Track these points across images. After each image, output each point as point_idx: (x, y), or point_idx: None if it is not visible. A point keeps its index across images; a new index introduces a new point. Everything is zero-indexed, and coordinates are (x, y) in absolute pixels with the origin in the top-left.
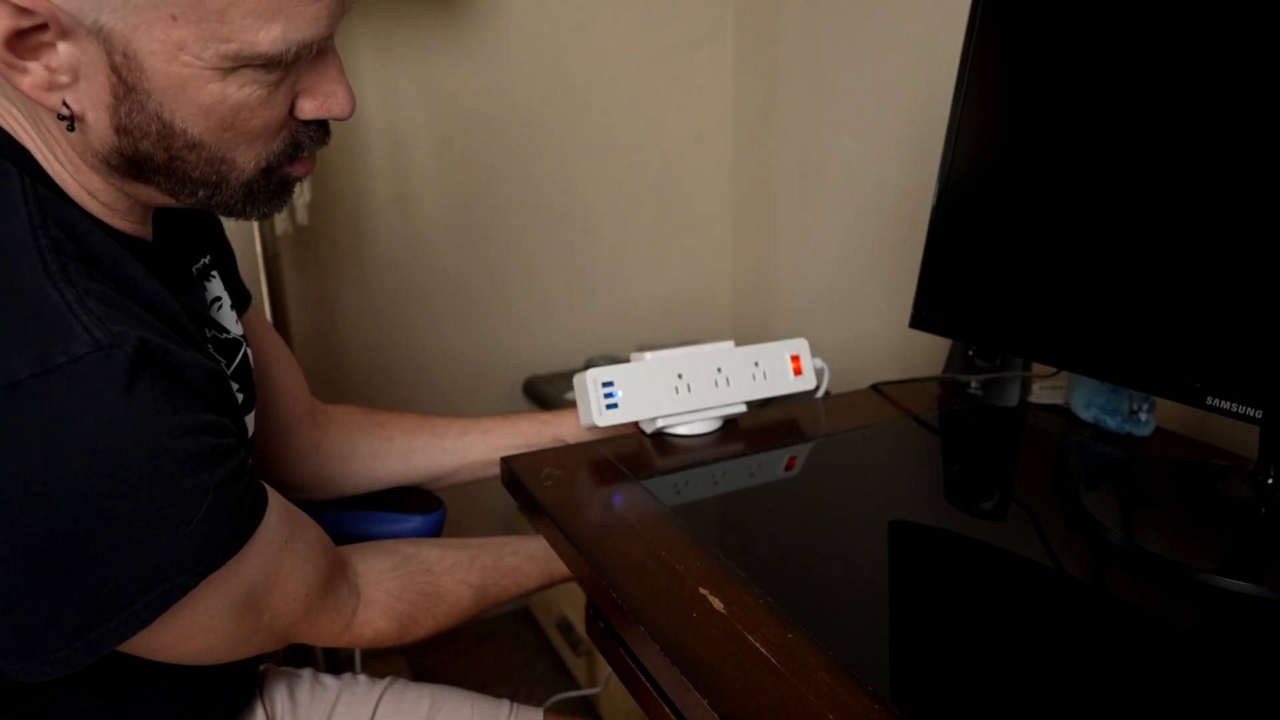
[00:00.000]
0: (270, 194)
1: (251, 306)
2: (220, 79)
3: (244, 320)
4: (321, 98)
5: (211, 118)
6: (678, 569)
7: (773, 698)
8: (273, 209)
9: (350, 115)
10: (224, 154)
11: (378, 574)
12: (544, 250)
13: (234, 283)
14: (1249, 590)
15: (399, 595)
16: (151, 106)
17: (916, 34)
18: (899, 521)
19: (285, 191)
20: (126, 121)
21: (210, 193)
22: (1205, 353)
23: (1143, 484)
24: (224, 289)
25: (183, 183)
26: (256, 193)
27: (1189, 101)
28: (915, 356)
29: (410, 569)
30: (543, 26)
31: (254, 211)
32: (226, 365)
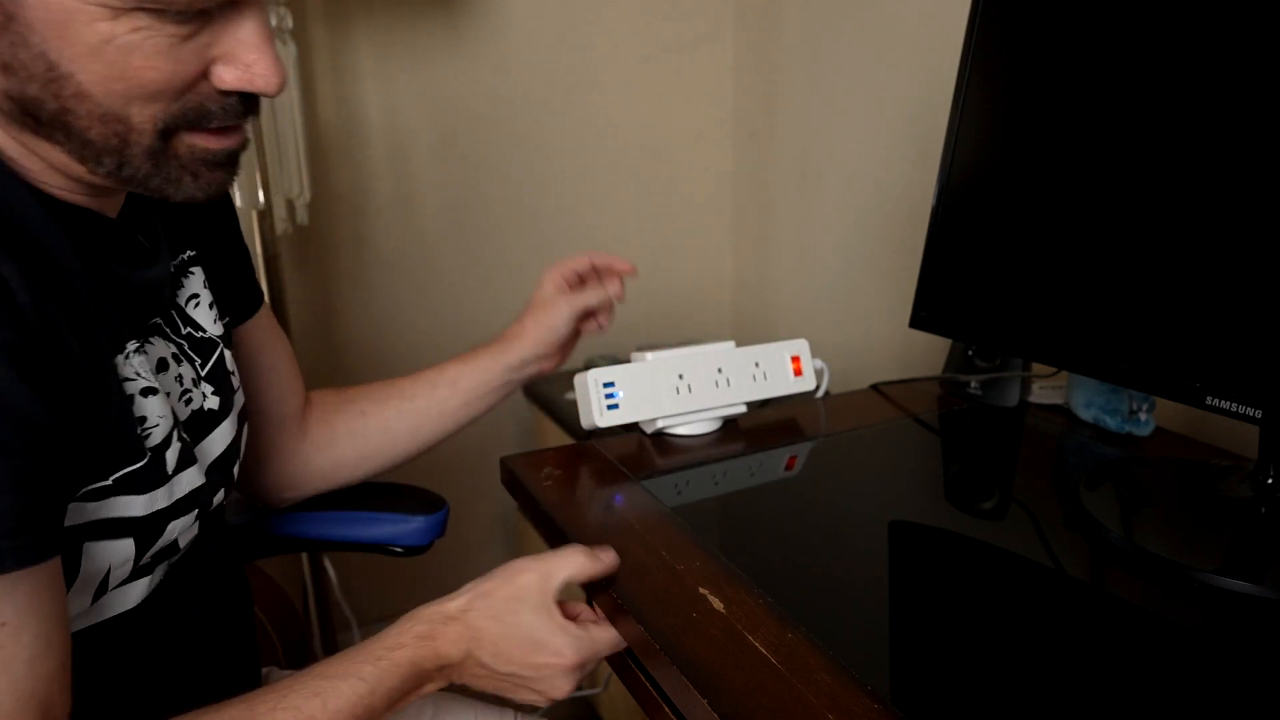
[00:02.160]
0: (183, 168)
1: (262, 311)
2: (110, 18)
3: (249, 325)
4: (242, 67)
5: (99, 61)
6: (678, 569)
7: (773, 698)
8: (202, 190)
9: (277, 91)
10: (116, 109)
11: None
12: (543, 249)
13: (227, 285)
14: (1249, 590)
15: None
16: (35, 42)
17: (916, 34)
18: (899, 521)
19: (209, 170)
20: (10, 58)
21: (117, 162)
22: (1205, 353)
23: (1143, 484)
24: (205, 287)
25: (84, 145)
26: (166, 164)
27: (1188, 102)
28: (915, 356)
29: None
30: (543, 26)
31: (175, 189)
32: (201, 365)
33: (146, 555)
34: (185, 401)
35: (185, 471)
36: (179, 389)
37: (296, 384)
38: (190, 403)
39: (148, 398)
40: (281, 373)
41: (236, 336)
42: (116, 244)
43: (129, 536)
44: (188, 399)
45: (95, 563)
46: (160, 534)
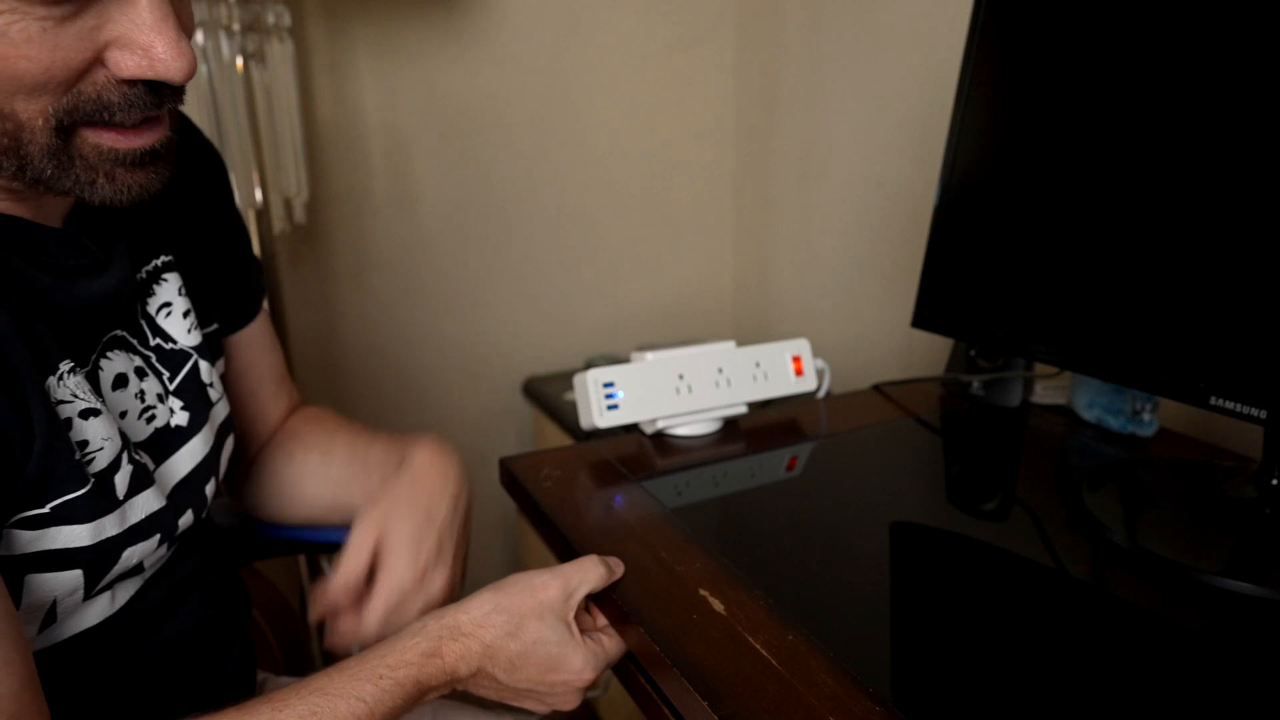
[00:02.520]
0: (92, 169)
1: (256, 321)
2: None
3: (240, 335)
4: (140, 52)
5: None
6: (678, 570)
7: (773, 699)
8: (121, 193)
9: (183, 77)
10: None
11: None
12: (544, 249)
13: (213, 291)
14: (1253, 592)
15: None
16: None
17: (917, 33)
18: (900, 522)
19: (125, 170)
20: None
21: (16, 163)
22: (1209, 353)
23: (1146, 485)
24: (180, 295)
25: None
26: (70, 164)
27: (1193, 101)
28: (916, 356)
29: None
30: (542, 25)
31: (90, 191)
32: (170, 378)
33: (101, 582)
34: (147, 419)
35: (140, 495)
36: (139, 406)
37: (278, 402)
38: (153, 420)
39: (88, 420)
40: (264, 392)
41: (227, 346)
42: (53, 254)
43: (75, 568)
44: (149, 416)
45: (36, 595)
46: (114, 562)
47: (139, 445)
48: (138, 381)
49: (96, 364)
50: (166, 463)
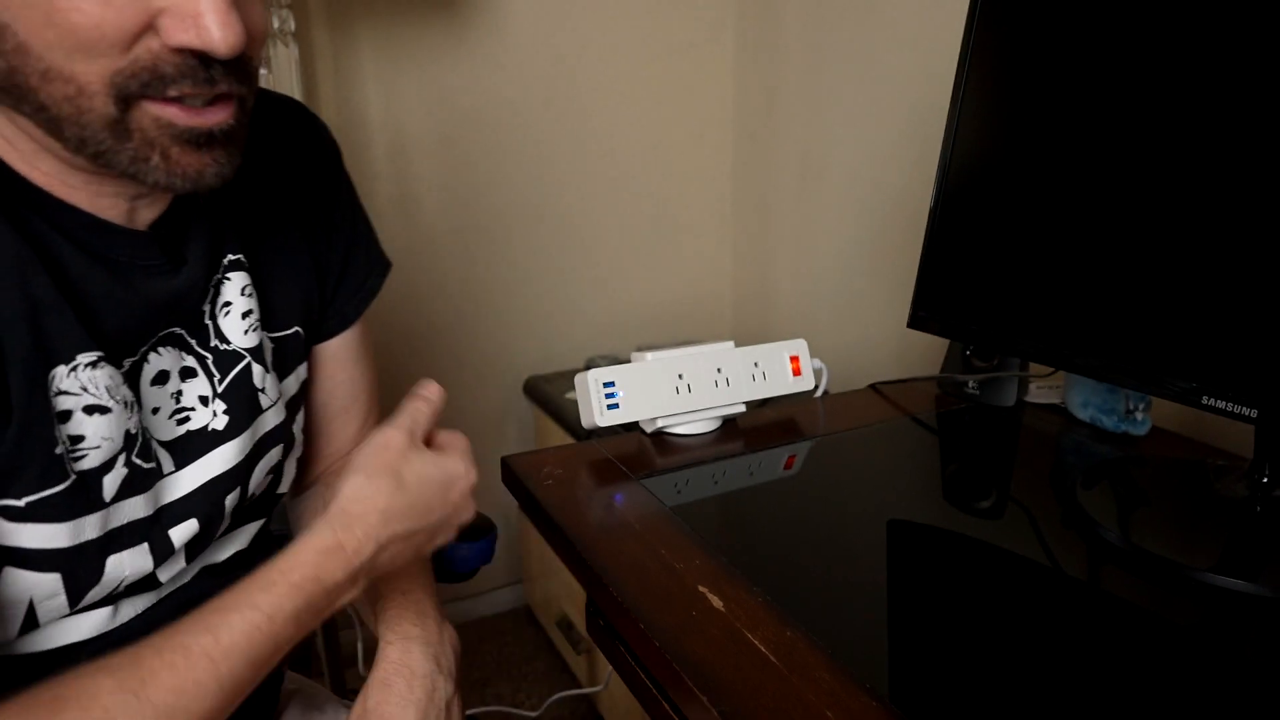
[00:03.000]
0: (149, 144)
1: (346, 338)
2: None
3: (327, 346)
4: (188, 19)
5: (28, 6)
6: (677, 568)
7: (772, 696)
8: (178, 177)
9: (225, 50)
10: (57, 63)
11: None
12: (544, 250)
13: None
14: (1245, 588)
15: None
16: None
17: (916, 34)
18: (897, 520)
19: (183, 150)
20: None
21: (77, 132)
22: (1201, 353)
23: (1139, 483)
24: (241, 294)
25: (43, 112)
26: (127, 137)
27: (1185, 104)
28: (913, 356)
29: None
30: (544, 27)
31: (145, 170)
32: (219, 380)
33: (88, 594)
34: (178, 420)
35: (130, 500)
36: (172, 405)
37: (346, 425)
38: (186, 421)
39: (92, 415)
40: (333, 408)
41: (314, 354)
42: (122, 251)
43: (52, 571)
44: (183, 417)
45: (10, 591)
46: (99, 571)
47: (164, 444)
48: (178, 381)
49: (144, 358)
50: (191, 466)
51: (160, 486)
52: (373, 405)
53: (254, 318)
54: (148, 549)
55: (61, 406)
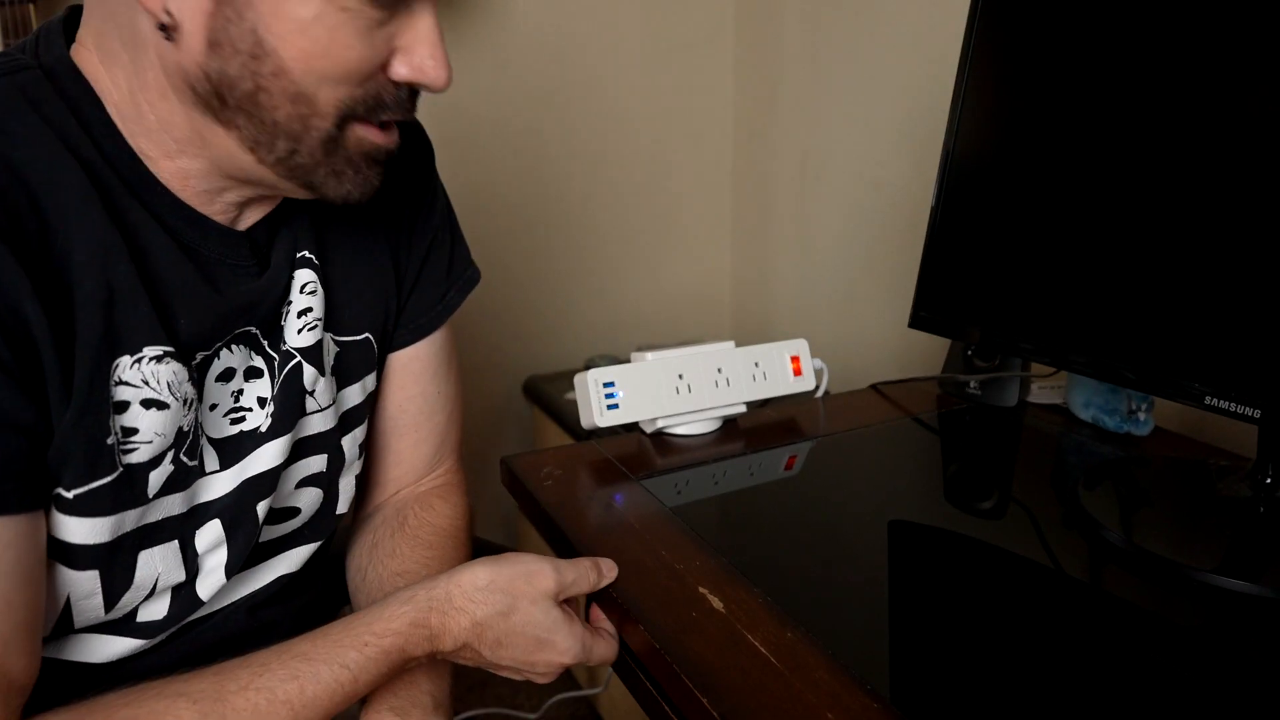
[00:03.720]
0: (349, 160)
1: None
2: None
3: (399, 356)
4: (418, 60)
5: (306, 38)
6: (677, 568)
7: (772, 696)
8: (357, 189)
9: (443, 87)
10: (308, 89)
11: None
12: (544, 250)
13: (366, 298)
14: (1248, 590)
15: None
16: (249, 17)
17: (916, 34)
18: (898, 521)
19: (368, 166)
20: (221, 34)
21: (291, 146)
22: (1204, 353)
23: (1141, 483)
24: (302, 293)
25: (264, 127)
26: (335, 153)
27: (1187, 103)
28: (914, 356)
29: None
30: (543, 27)
31: (336, 183)
32: (272, 381)
33: (123, 598)
34: (232, 419)
35: (169, 497)
36: (229, 404)
37: (415, 443)
38: (240, 421)
39: (149, 410)
40: (403, 423)
41: (388, 363)
42: (215, 248)
43: (91, 568)
44: (238, 416)
45: (51, 590)
46: (131, 569)
47: (213, 442)
48: (242, 379)
49: (216, 353)
50: (234, 467)
51: (199, 485)
52: (450, 429)
53: (311, 316)
54: (178, 547)
55: (119, 397)
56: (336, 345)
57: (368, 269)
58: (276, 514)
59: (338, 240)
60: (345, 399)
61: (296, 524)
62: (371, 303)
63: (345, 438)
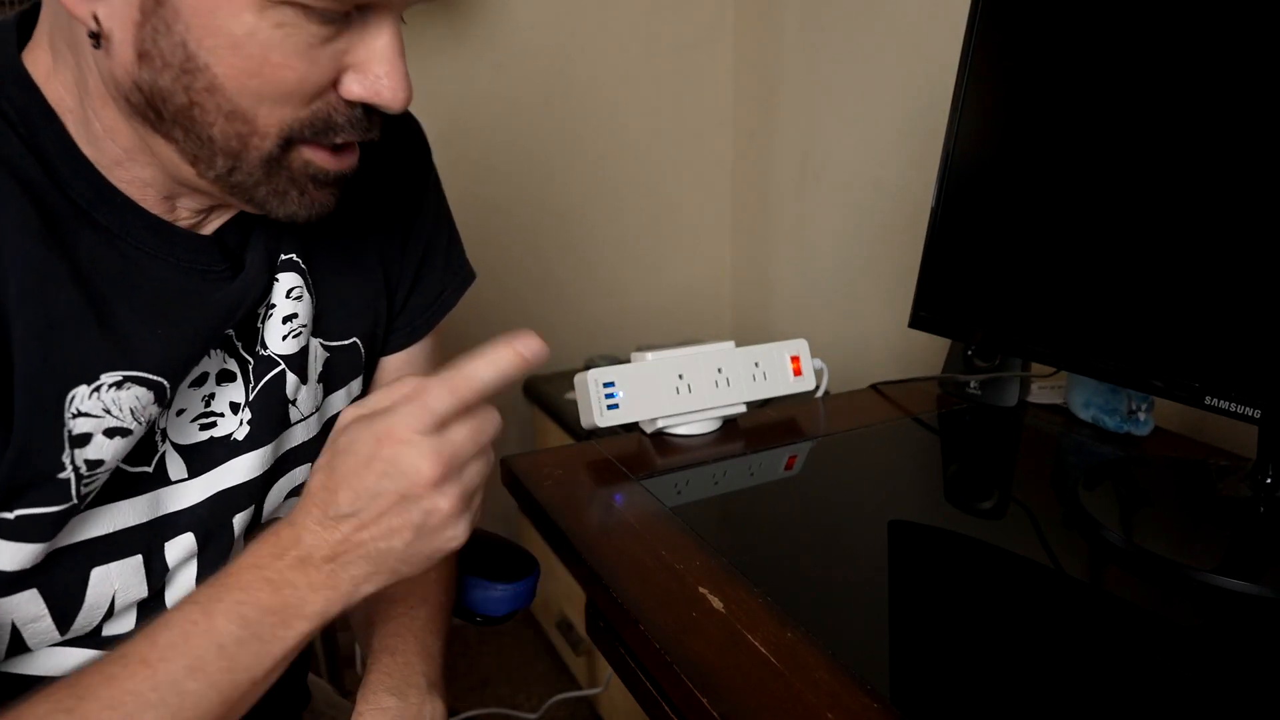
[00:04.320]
0: (293, 182)
1: (413, 354)
2: (257, 10)
3: (388, 361)
4: (372, 78)
5: (239, 55)
6: (677, 569)
7: (772, 696)
8: (304, 210)
9: (401, 108)
10: (245, 107)
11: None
12: (543, 250)
13: (353, 303)
14: (1248, 590)
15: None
16: (178, 30)
17: (916, 34)
18: (898, 521)
19: (316, 188)
20: (150, 45)
21: (230, 164)
22: (1204, 352)
23: (1141, 483)
24: (287, 297)
25: (201, 143)
26: (277, 174)
27: (1187, 102)
28: (914, 356)
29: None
30: (543, 26)
31: (279, 204)
32: (251, 387)
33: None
34: (201, 425)
35: (111, 505)
36: (199, 409)
37: None
38: (210, 428)
39: (112, 439)
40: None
41: (379, 368)
42: (183, 257)
43: (28, 588)
44: (208, 423)
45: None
46: (81, 586)
47: (180, 449)
48: (214, 384)
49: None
50: (203, 476)
51: (163, 494)
52: None
53: (296, 322)
54: (140, 563)
55: (79, 429)
56: (325, 351)
57: (357, 271)
58: (261, 527)
59: (324, 241)
60: (330, 405)
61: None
62: (361, 306)
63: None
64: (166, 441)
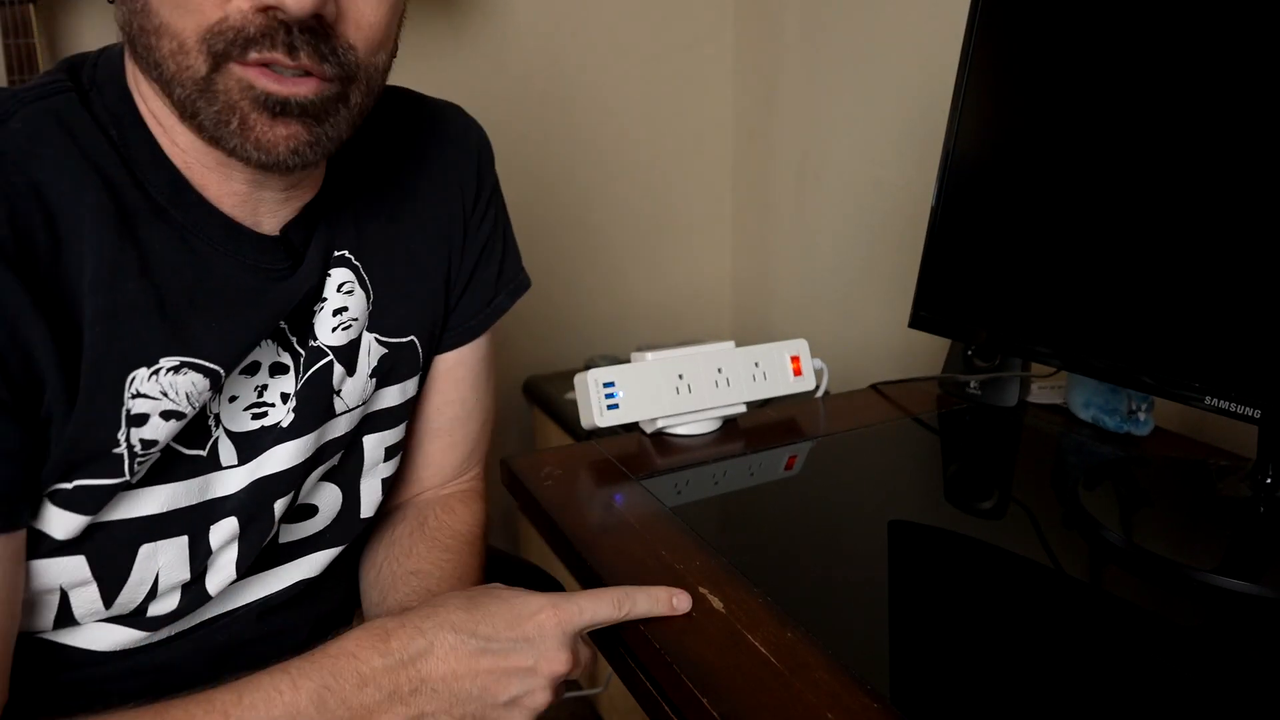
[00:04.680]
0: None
1: (474, 349)
2: None
3: (440, 361)
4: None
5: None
6: (677, 568)
7: (772, 697)
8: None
9: (300, 11)
10: (166, 18)
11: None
12: (543, 249)
13: (413, 301)
14: (1248, 590)
15: None
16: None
17: (916, 34)
18: (898, 521)
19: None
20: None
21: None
22: (1204, 353)
23: (1141, 483)
24: (338, 291)
25: (161, 73)
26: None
27: (1187, 102)
28: (914, 356)
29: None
30: (543, 26)
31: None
32: (300, 377)
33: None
34: (253, 414)
35: (161, 486)
36: (252, 399)
37: (439, 449)
38: (262, 417)
39: (168, 421)
40: (431, 428)
41: (433, 366)
42: (250, 256)
43: (76, 553)
44: (259, 412)
45: (40, 579)
46: (129, 560)
47: (233, 435)
48: (267, 375)
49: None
50: (251, 463)
51: (213, 479)
52: (482, 436)
53: (346, 315)
54: (186, 543)
55: (138, 409)
56: (383, 347)
57: (414, 270)
58: (295, 512)
59: (382, 240)
60: (379, 400)
61: (317, 525)
62: (419, 305)
63: (368, 437)
64: (220, 427)
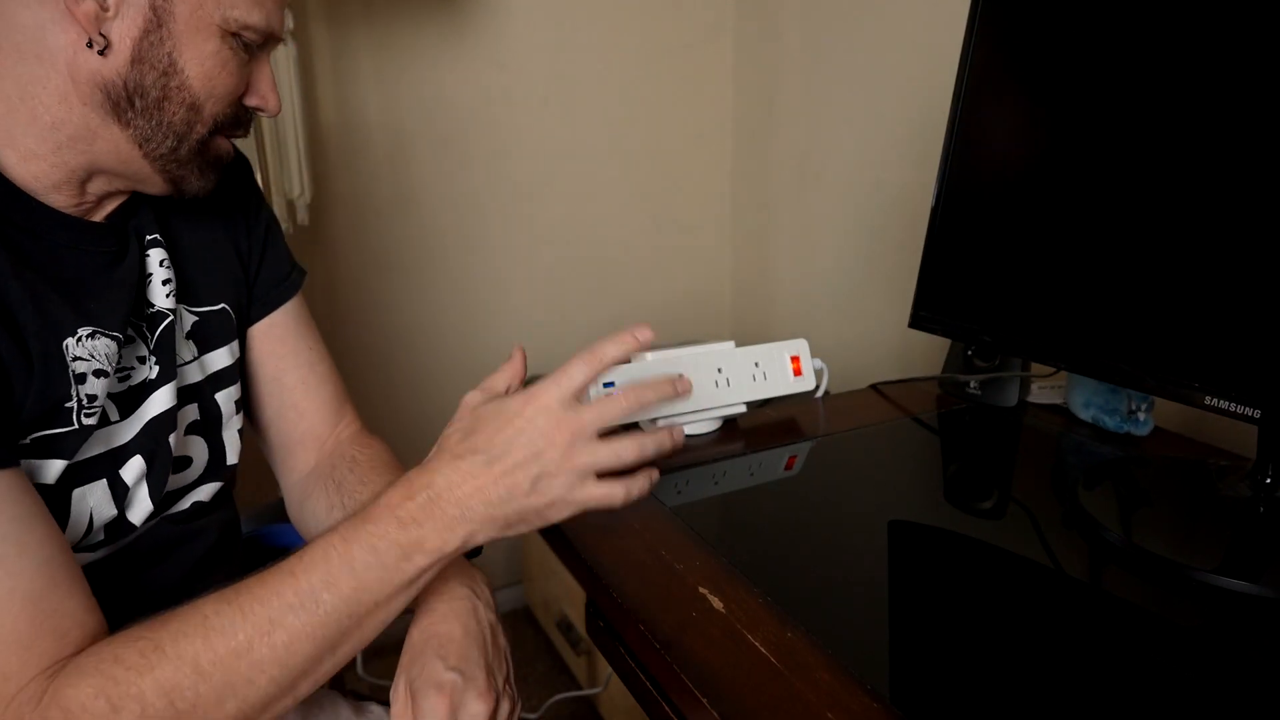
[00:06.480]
0: (208, 164)
1: (285, 312)
2: (219, 36)
3: (258, 327)
4: (260, 94)
5: (205, 65)
6: (677, 568)
7: (772, 696)
8: (208, 184)
9: (275, 113)
10: (199, 101)
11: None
12: (544, 250)
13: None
14: (1247, 589)
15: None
16: (168, 44)
17: (916, 34)
18: (898, 521)
19: (215, 169)
20: (146, 52)
21: (175, 144)
22: (1203, 353)
23: (1141, 483)
24: (161, 267)
25: (158, 127)
26: (200, 155)
27: (1187, 103)
28: (914, 356)
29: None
30: (543, 26)
31: (194, 179)
32: (151, 338)
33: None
34: (120, 377)
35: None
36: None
37: (314, 405)
38: (127, 379)
39: (99, 379)
40: (298, 384)
41: (249, 336)
42: (89, 244)
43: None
44: (124, 375)
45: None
46: (66, 505)
47: (112, 396)
48: (128, 344)
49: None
50: (135, 413)
51: (110, 431)
52: (336, 379)
53: (171, 286)
54: (106, 485)
55: (79, 369)
56: (194, 315)
57: (211, 248)
58: (176, 463)
59: (179, 228)
60: (213, 361)
61: (195, 473)
62: (223, 279)
63: (219, 394)
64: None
